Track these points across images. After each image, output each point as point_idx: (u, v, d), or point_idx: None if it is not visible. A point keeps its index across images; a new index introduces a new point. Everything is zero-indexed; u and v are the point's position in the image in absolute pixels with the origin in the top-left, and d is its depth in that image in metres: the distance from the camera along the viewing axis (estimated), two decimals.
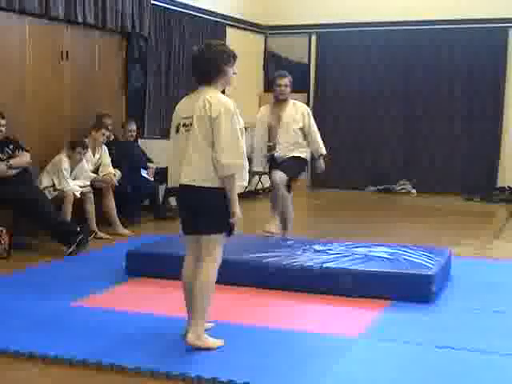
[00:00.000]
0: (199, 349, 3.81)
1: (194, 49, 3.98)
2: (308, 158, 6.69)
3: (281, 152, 6.48)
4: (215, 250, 3.87)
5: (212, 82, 3.87)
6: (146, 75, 8.79)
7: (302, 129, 6.52)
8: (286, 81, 6.49)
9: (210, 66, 3.86)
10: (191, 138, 3.78)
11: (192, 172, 3.78)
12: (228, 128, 3.73)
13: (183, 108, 3.91)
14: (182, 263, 4.00)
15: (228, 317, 4.45)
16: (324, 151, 6.72)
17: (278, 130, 6.48)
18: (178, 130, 3.88)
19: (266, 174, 7.22)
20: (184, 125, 3.83)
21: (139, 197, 8.05)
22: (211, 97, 3.79)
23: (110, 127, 7.66)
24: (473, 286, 5.34)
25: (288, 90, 6.51)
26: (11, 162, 6.42)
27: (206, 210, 3.82)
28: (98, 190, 7.26)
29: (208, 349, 3.83)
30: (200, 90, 3.88)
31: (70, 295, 4.88)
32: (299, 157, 6.53)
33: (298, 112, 6.52)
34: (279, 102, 6.53)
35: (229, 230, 3.87)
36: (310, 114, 6.64)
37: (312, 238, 6.22)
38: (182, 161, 3.81)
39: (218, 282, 5.07)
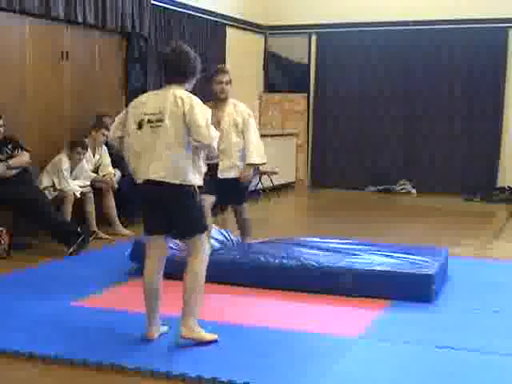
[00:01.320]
0: (194, 340, 3.87)
1: (167, 48, 4.04)
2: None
3: (222, 163, 5.57)
4: (202, 247, 3.95)
5: (184, 81, 3.95)
6: (146, 75, 8.78)
7: (242, 133, 5.66)
8: (228, 77, 5.63)
9: (186, 67, 3.94)
10: (161, 134, 3.80)
11: (162, 168, 3.80)
12: (201, 113, 3.82)
13: (147, 104, 3.91)
14: (183, 262, 4.01)
15: (228, 317, 4.45)
16: (254, 161, 5.66)
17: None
18: (140, 126, 3.86)
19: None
20: (149, 121, 3.84)
21: None
22: (181, 93, 3.86)
23: (109, 127, 7.65)
24: (473, 285, 5.34)
25: (229, 87, 5.65)
26: (10, 162, 6.42)
27: (182, 209, 3.86)
28: (98, 190, 7.26)
29: (202, 341, 3.88)
30: (167, 88, 3.92)
31: (70, 295, 4.88)
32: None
33: (238, 114, 5.66)
34: (219, 101, 5.63)
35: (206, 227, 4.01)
36: (252, 116, 5.74)
37: (312, 237, 6.20)
38: (152, 157, 3.82)
39: (218, 281, 5.11)
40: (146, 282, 4.01)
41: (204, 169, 4.00)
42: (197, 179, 3.88)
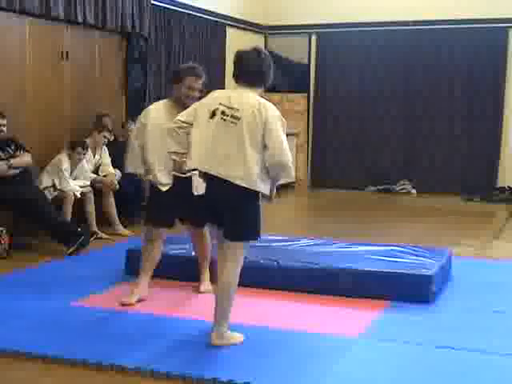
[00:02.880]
0: (225, 345, 3.88)
1: (248, 49, 3.95)
2: None
3: (194, 177, 4.63)
4: (242, 254, 3.95)
5: (261, 86, 3.93)
6: (146, 75, 8.79)
7: None
8: (201, 84, 4.78)
9: (268, 72, 3.92)
10: (234, 133, 3.75)
11: (233, 168, 3.75)
12: (280, 132, 3.77)
13: (225, 97, 3.86)
14: (181, 263, 4.02)
15: None
16: None
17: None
18: (213, 115, 3.82)
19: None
20: (223, 112, 3.79)
21: (139, 197, 8.04)
22: (264, 101, 3.83)
23: (110, 128, 7.67)
24: (473, 286, 5.34)
25: (197, 95, 4.74)
26: (12, 161, 6.42)
27: (241, 212, 3.84)
28: (98, 190, 7.26)
29: (234, 344, 3.90)
30: (245, 90, 3.86)
31: (69, 295, 4.89)
32: None
33: None
34: (180, 104, 4.69)
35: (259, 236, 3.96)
36: None
37: (312, 237, 6.21)
38: (221, 154, 3.76)
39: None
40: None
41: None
42: (262, 187, 3.81)
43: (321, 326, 4.35)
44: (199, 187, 4.41)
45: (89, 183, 7.21)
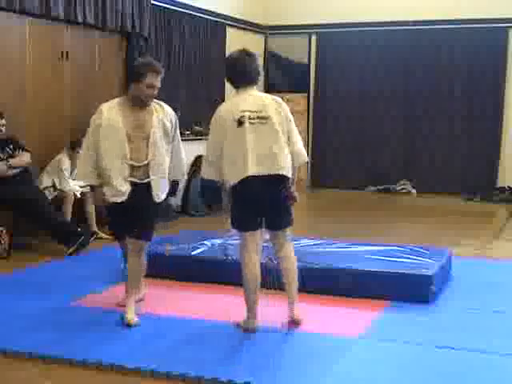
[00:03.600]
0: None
1: (236, 53, 4.20)
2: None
3: (158, 183, 4.37)
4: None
5: (257, 82, 4.20)
6: None
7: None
8: (159, 80, 4.49)
9: (260, 68, 4.23)
10: (267, 130, 4.02)
11: (277, 162, 4.05)
12: (293, 123, 4.20)
13: (242, 103, 4.06)
14: (181, 263, 4.02)
15: (228, 317, 4.45)
16: (181, 178, 4.77)
17: (143, 147, 4.33)
18: (240, 124, 4.00)
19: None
20: (250, 117, 4.00)
21: None
22: (274, 96, 4.18)
23: None
24: (473, 286, 5.35)
25: (157, 93, 4.47)
26: (11, 161, 6.42)
27: (285, 200, 4.27)
28: None
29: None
30: (250, 90, 4.11)
31: (70, 295, 4.89)
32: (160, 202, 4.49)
33: (167, 117, 4.52)
34: (139, 104, 4.44)
35: None
36: (177, 122, 4.63)
37: (312, 237, 6.20)
38: (261, 153, 4.00)
39: (218, 281, 5.12)
40: (251, 276, 4.15)
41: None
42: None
43: (321, 326, 4.35)
44: (162, 190, 4.41)
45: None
